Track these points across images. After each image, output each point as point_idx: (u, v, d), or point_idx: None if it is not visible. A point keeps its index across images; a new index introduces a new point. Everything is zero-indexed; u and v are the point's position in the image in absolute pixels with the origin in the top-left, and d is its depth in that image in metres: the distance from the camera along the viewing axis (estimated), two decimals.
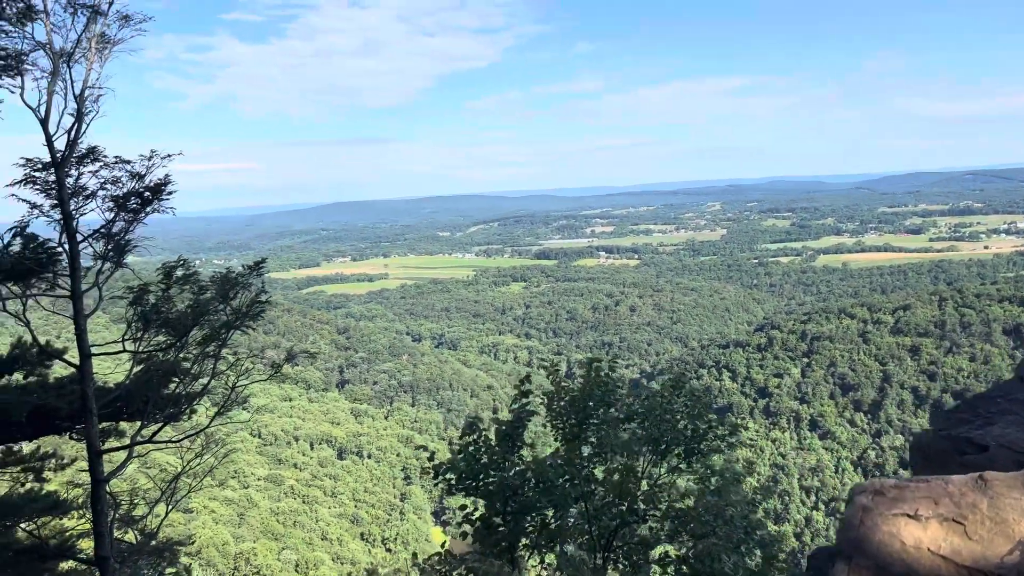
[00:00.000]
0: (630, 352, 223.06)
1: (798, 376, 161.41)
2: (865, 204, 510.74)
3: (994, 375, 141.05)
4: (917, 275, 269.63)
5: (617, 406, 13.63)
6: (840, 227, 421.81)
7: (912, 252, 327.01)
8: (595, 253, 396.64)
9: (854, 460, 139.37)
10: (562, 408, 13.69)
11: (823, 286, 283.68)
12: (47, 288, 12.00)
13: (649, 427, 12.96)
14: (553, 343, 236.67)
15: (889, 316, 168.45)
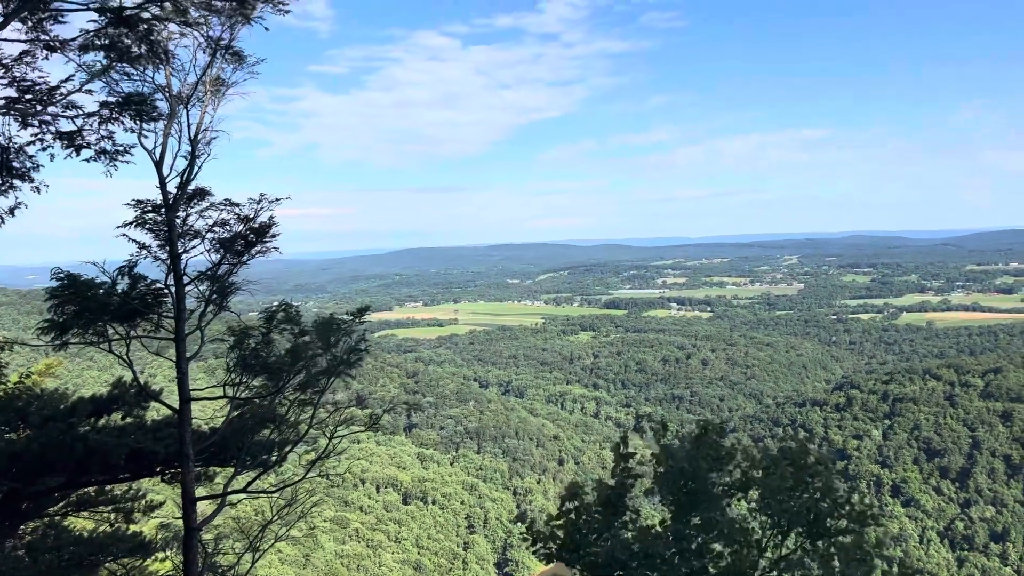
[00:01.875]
0: (701, 407, 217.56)
1: (879, 439, 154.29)
2: (951, 261, 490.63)
3: None
4: (1009, 336, 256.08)
5: (728, 471, 12.62)
6: (924, 284, 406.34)
7: (1003, 312, 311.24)
8: (666, 304, 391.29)
9: (940, 531, 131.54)
10: (669, 472, 12.76)
11: (906, 345, 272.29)
12: (151, 329, 11.94)
13: (766, 499, 11.93)
14: (621, 395, 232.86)
15: (979, 379, 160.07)
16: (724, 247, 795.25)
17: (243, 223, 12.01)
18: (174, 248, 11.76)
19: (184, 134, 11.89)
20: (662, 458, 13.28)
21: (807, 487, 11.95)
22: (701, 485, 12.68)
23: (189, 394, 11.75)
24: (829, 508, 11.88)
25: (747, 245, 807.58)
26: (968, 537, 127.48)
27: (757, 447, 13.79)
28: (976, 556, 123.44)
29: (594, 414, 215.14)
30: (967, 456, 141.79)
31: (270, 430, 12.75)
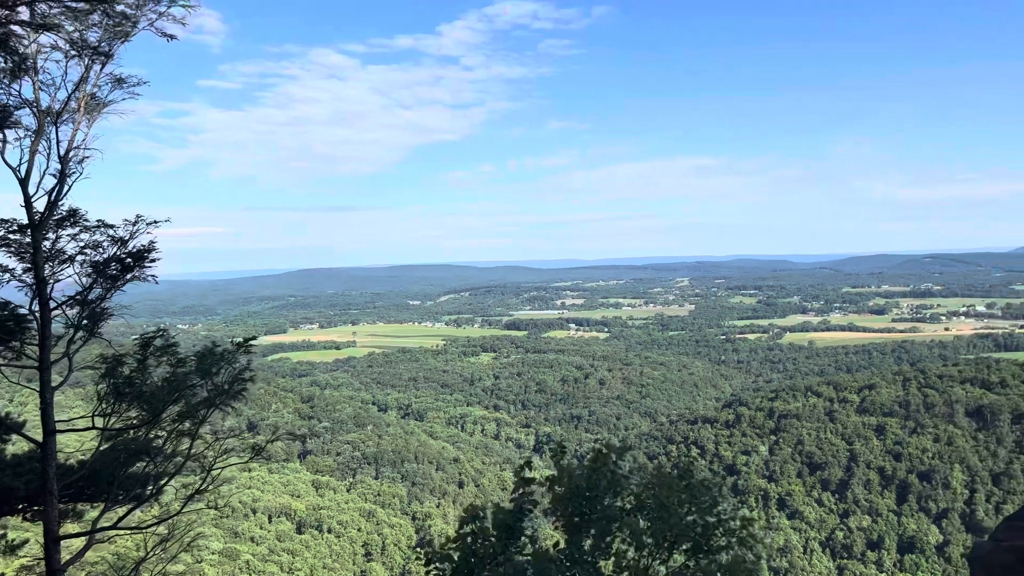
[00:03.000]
0: (599, 426, 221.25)
1: (766, 454, 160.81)
2: (830, 284, 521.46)
3: (958, 456, 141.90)
4: (881, 355, 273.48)
5: (624, 495, 12.82)
6: (806, 306, 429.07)
7: (876, 332, 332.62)
8: (565, 325, 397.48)
9: (822, 540, 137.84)
10: (565, 495, 12.84)
11: (790, 363, 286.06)
12: (13, 357, 11.12)
13: (655, 520, 12.18)
14: (522, 415, 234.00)
15: (855, 395, 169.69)
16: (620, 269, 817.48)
17: (118, 245, 11.39)
18: (39, 271, 11.01)
19: (54, 151, 11.21)
20: (560, 480, 13.38)
21: (693, 505, 12.31)
22: (597, 507, 12.83)
23: (54, 426, 10.97)
24: (714, 525, 12.27)
25: (642, 267, 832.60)
26: (847, 546, 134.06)
27: (651, 466, 14.10)
28: (855, 564, 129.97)
29: (495, 435, 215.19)
30: (845, 468, 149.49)
31: (145, 462, 12.04)
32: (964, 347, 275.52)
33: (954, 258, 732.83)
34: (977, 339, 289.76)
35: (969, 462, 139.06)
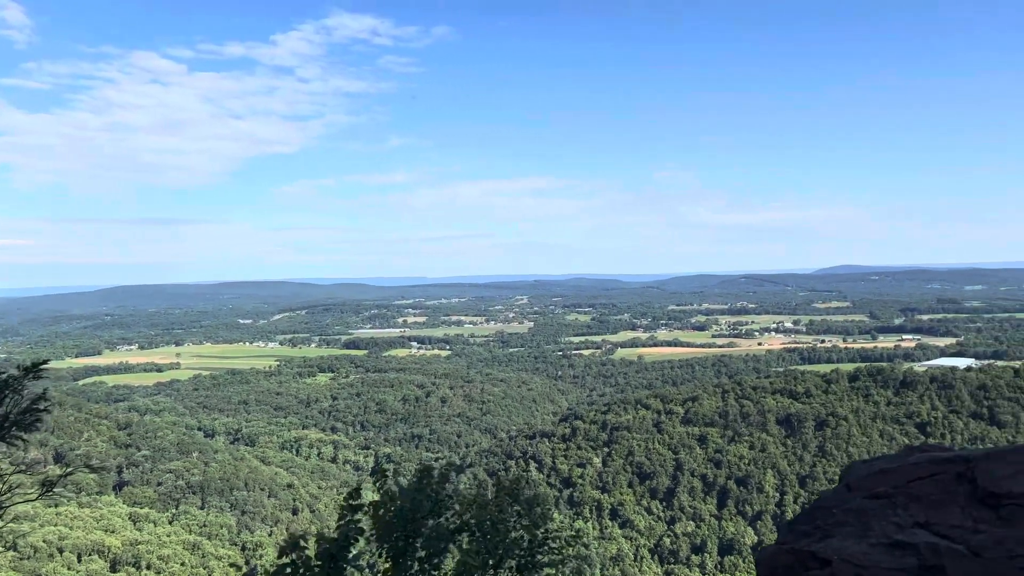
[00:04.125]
0: (440, 444, 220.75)
1: (600, 466, 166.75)
2: (657, 302, 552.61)
3: (770, 462, 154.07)
4: (703, 368, 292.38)
5: (448, 516, 12.83)
6: (635, 322, 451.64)
7: (698, 347, 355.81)
8: (407, 343, 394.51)
9: (651, 547, 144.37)
10: (390, 519, 12.66)
11: (621, 378, 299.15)
12: None
13: (481, 539, 12.29)
14: (361, 437, 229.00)
15: (680, 407, 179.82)
16: (463, 287, 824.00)
17: None
18: None
19: None
20: (384, 504, 13.20)
21: (520, 522, 12.55)
22: (422, 530, 12.76)
23: None
24: (541, 540, 12.57)
25: (484, 286, 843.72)
26: (674, 551, 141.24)
27: (481, 484, 14.22)
28: (680, 568, 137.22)
29: (332, 459, 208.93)
30: (672, 477, 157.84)
31: None
32: (775, 360, 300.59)
33: (766, 279, 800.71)
34: (785, 352, 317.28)
35: (779, 467, 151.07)
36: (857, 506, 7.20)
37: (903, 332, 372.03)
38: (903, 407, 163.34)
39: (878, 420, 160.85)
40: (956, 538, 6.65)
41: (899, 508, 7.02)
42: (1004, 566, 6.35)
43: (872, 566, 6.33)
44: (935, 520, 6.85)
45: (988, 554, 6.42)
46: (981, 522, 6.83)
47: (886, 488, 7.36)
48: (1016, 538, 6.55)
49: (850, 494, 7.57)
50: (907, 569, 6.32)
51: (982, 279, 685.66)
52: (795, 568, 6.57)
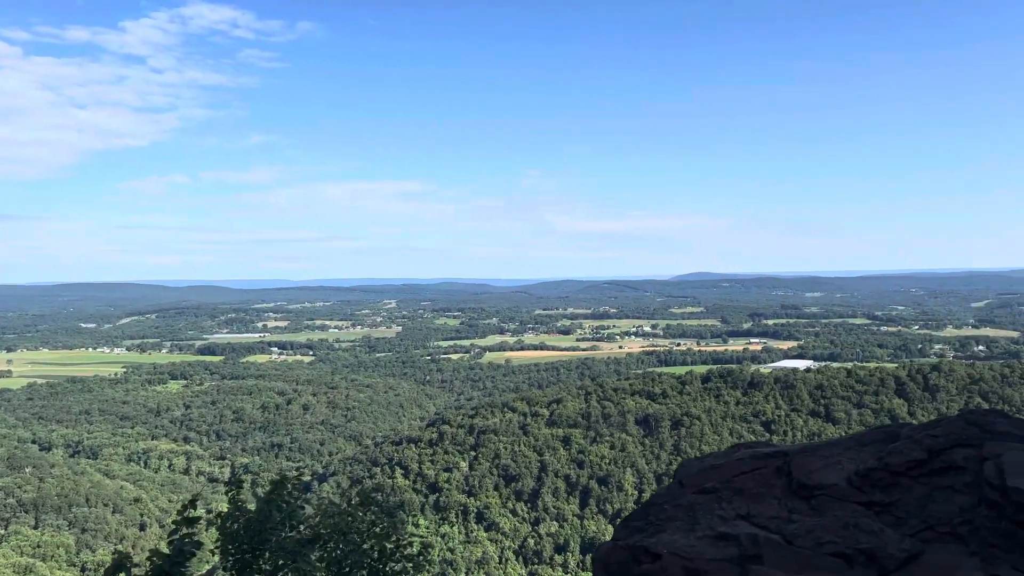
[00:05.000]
0: (302, 453, 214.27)
1: (466, 469, 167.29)
2: (524, 306, 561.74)
3: (629, 461, 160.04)
4: (567, 371, 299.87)
5: (301, 528, 12.45)
6: (503, 327, 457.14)
7: (563, 350, 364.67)
8: (267, 349, 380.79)
9: (516, 549, 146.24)
10: (236, 531, 12.12)
11: (489, 381, 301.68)
12: None
13: (331, 550, 11.99)
14: (216, 447, 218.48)
15: (545, 409, 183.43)
16: (327, 291, 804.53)
17: None
18: None
19: None
20: (232, 516, 12.67)
21: (371, 532, 12.37)
22: (270, 541, 12.33)
23: None
24: (392, 550, 12.43)
25: (349, 289, 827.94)
26: (538, 552, 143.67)
27: (345, 493, 13.88)
28: (544, 568, 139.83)
29: (184, 470, 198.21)
30: (536, 479, 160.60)
31: None
32: (634, 363, 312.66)
33: (628, 284, 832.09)
34: (644, 355, 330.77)
35: (638, 466, 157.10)
36: (687, 501, 7.59)
37: (751, 336, 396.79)
38: (751, 406, 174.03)
39: (728, 419, 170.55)
40: (773, 528, 7.15)
41: (724, 502, 7.47)
42: (813, 552, 6.89)
43: (698, 558, 6.69)
44: (755, 512, 7.33)
45: (800, 542, 6.94)
46: (795, 512, 7.38)
47: (714, 483, 7.81)
48: (824, 526, 7.11)
49: (682, 490, 7.98)
50: (729, 559, 6.72)
51: (820, 287, 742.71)
52: (628, 564, 6.84)
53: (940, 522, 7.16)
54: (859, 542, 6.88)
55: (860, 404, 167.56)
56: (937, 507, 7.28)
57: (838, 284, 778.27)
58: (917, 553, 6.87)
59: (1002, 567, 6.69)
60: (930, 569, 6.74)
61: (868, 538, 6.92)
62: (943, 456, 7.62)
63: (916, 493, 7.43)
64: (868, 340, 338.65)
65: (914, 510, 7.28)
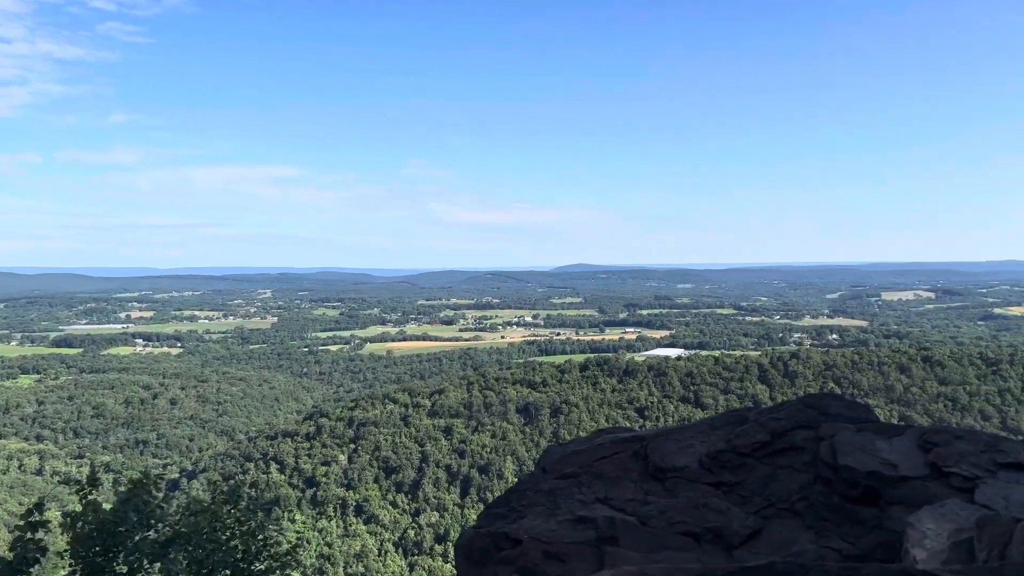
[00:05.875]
0: (169, 449, 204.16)
1: (345, 463, 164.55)
2: (407, 297, 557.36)
3: (510, 449, 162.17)
4: (450, 361, 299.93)
5: (160, 527, 11.83)
6: (385, 317, 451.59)
7: (446, 341, 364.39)
8: (130, 341, 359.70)
9: (396, 541, 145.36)
10: (88, 534, 11.38)
11: (369, 373, 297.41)
12: None
13: (193, 550, 11.47)
14: (74, 445, 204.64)
15: (427, 400, 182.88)
16: (196, 279, 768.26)
17: None
18: None
19: None
20: (84, 517, 11.92)
21: (237, 530, 11.93)
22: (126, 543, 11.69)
23: None
24: (259, 549, 12.03)
25: (221, 278, 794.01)
26: (418, 543, 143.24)
27: (216, 490, 13.25)
28: (424, 559, 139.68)
29: (37, 471, 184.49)
30: (417, 469, 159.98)
31: None
32: (516, 352, 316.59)
33: (510, 275, 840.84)
34: (526, 345, 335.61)
35: (518, 453, 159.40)
36: (548, 487, 7.78)
37: (626, 325, 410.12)
38: (625, 393, 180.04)
39: (605, 406, 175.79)
40: (629, 510, 7.45)
41: (584, 486, 7.71)
42: (666, 532, 7.22)
43: (557, 541, 6.87)
44: (613, 495, 7.61)
45: (653, 523, 7.26)
46: (650, 494, 7.71)
47: (574, 468, 8.05)
48: (676, 507, 7.47)
49: (544, 476, 8.17)
50: (587, 542, 6.94)
51: (691, 279, 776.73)
52: (489, 550, 6.94)
53: (780, 499, 7.68)
54: (708, 521, 7.27)
55: (727, 390, 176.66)
56: (778, 485, 7.80)
57: (707, 276, 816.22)
58: (759, 529, 7.33)
59: (833, 539, 7.24)
60: (770, 543, 7.22)
61: (716, 516, 7.33)
62: (784, 438, 8.17)
63: (760, 473, 7.92)
64: (734, 329, 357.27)
65: (758, 489, 7.76)
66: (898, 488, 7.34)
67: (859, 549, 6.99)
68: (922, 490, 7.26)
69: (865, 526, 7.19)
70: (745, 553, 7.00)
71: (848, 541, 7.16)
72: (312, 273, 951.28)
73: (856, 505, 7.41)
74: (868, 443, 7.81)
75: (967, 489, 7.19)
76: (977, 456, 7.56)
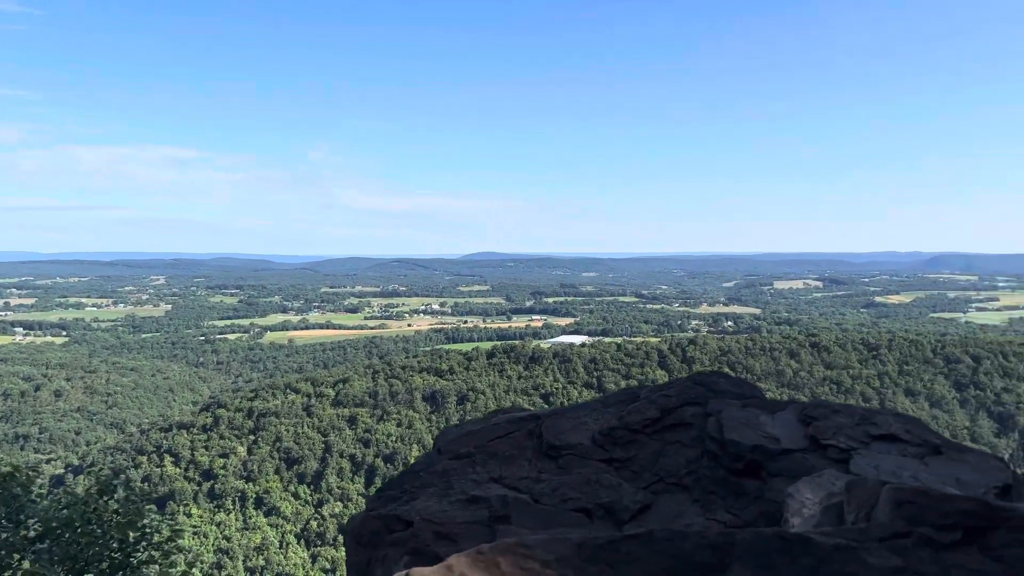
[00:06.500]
0: (53, 444, 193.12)
1: (244, 455, 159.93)
2: (310, 284, 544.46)
3: (416, 437, 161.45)
4: (355, 350, 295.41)
5: (30, 523, 11.07)
6: (287, 305, 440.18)
7: (351, 329, 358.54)
8: (9, 330, 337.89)
9: (298, 533, 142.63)
10: None
11: (270, 362, 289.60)
12: None
13: (66, 544, 10.79)
14: None
15: (331, 389, 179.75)
16: (83, 265, 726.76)
17: None
18: None
19: None
20: None
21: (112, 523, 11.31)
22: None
23: None
24: (138, 539, 11.47)
25: (110, 264, 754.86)
26: (320, 533, 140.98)
27: (105, 485, 12.46)
28: (327, 549, 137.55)
29: None
30: (321, 460, 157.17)
31: None
32: (423, 340, 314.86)
33: (417, 263, 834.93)
34: (432, 333, 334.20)
35: (425, 441, 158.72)
36: (442, 467, 7.69)
37: (533, 313, 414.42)
38: (531, 380, 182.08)
39: (511, 392, 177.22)
40: (523, 488, 7.44)
41: (478, 466, 7.66)
42: (558, 509, 7.25)
43: (449, 522, 6.79)
44: (507, 474, 7.58)
45: (546, 500, 7.28)
46: (544, 472, 7.73)
47: (469, 448, 7.98)
48: (569, 484, 7.52)
49: (439, 457, 8.07)
50: (479, 521, 6.89)
51: (596, 267, 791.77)
52: (381, 533, 6.79)
53: (670, 474, 7.84)
54: (599, 497, 7.35)
55: (628, 375, 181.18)
56: (668, 460, 7.97)
57: (611, 265, 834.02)
58: (649, 504, 7.47)
59: (718, 511, 7.45)
60: (659, 517, 7.36)
61: (607, 492, 7.41)
62: (674, 414, 8.35)
63: (650, 449, 8.07)
64: (636, 317, 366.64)
65: (648, 464, 7.91)
66: (780, 461, 7.61)
67: (743, 520, 7.21)
68: (802, 462, 7.55)
69: (749, 497, 7.43)
70: (634, 528, 7.10)
71: (732, 513, 7.38)
72: (209, 259, 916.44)
73: (741, 478, 7.64)
74: (753, 418, 8.07)
75: (843, 460, 7.52)
76: (853, 429, 7.92)
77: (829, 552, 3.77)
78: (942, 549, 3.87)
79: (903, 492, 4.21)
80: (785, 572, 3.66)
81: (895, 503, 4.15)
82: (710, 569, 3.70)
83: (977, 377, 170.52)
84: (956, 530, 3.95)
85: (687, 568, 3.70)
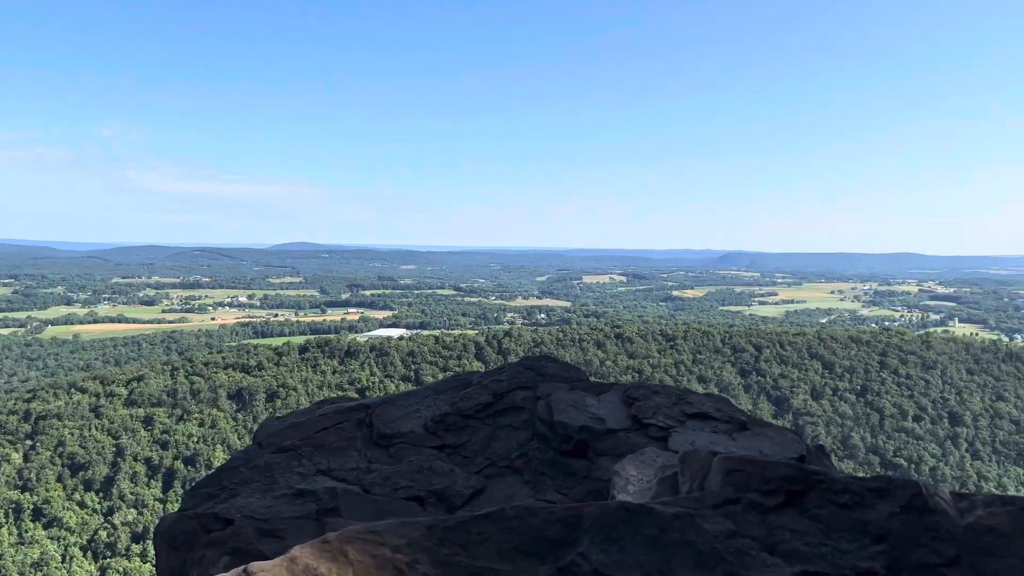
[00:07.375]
0: None
1: (20, 462, 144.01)
2: (99, 274, 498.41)
3: (220, 437, 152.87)
4: (151, 345, 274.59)
5: None
6: (71, 297, 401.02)
7: (146, 323, 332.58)
8: None
9: (84, 544, 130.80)
10: None
11: (51, 360, 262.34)
12: None
13: None
14: None
15: (123, 388, 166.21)
16: None
17: None
18: None
19: None
20: None
21: None
22: None
23: None
24: None
25: None
26: (111, 544, 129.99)
27: None
28: (119, 561, 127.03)
29: None
30: (112, 464, 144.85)
31: None
32: (228, 335, 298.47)
33: (222, 252, 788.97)
34: (240, 327, 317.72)
35: (230, 441, 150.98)
36: (265, 462, 7.23)
37: (349, 306, 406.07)
38: (347, 374, 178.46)
39: (325, 388, 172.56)
40: (352, 479, 7.16)
41: (304, 459, 7.28)
42: (390, 498, 7.04)
43: (273, 518, 6.38)
44: (336, 465, 7.27)
45: (377, 490, 7.05)
46: (375, 462, 7.49)
47: (294, 441, 7.57)
48: (401, 472, 7.33)
49: (260, 451, 7.58)
50: (307, 516, 6.54)
51: (414, 260, 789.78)
52: (197, 533, 6.25)
53: (501, 458, 7.89)
54: (431, 484, 7.23)
55: (446, 368, 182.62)
56: (499, 444, 8.01)
57: (429, 258, 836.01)
58: (481, 488, 7.45)
59: (548, 492, 7.58)
60: (492, 501, 7.36)
61: (440, 479, 7.31)
62: (506, 398, 8.41)
63: (483, 433, 8.08)
64: (454, 309, 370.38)
65: (480, 449, 7.90)
66: (605, 440, 7.89)
67: (572, 499, 7.39)
68: (625, 441, 7.87)
69: (577, 477, 7.63)
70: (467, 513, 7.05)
71: (562, 493, 7.54)
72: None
73: (569, 459, 7.83)
74: (580, 400, 8.31)
75: (662, 438, 7.92)
76: (670, 408, 8.38)
77: (670, 521, 3.91)
78: (768, 512, 4.14)
79: (731, 461, 4.47)
80: (631, 541, 3.74)
81: (725, 471, 4.40)
82: (560, 543, 3.70)
83: (759, 364, 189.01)
84: (779, 494, 4.24)
85: (538, 543, 3.68)
